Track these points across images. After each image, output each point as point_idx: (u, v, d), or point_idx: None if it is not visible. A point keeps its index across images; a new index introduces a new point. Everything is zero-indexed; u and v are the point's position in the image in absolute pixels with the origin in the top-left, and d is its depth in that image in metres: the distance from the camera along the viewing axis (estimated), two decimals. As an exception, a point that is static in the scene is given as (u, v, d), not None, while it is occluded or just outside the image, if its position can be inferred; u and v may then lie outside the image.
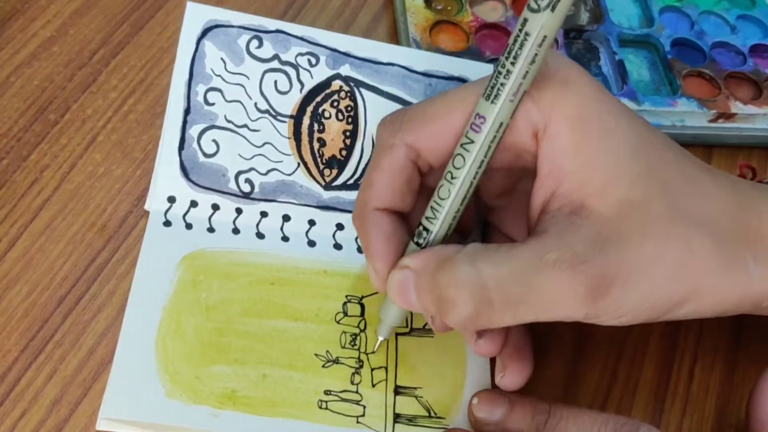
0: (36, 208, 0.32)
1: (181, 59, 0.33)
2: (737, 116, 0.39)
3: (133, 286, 0.30)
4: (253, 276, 0.31)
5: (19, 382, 0.28)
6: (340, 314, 0.31)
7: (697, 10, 0.44)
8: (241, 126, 0.33)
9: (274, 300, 0.31)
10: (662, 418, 0.31)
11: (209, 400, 0.28)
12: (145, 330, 0.29)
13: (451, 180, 0.26)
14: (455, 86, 0.34)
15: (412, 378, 0.30)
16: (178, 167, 0.32)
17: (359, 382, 0.30)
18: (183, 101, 0.33)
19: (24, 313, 0.29)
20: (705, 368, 0.33)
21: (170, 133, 0.33)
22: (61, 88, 0.36)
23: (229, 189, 0.33)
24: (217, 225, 0.32)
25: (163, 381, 0.28)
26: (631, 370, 0.32)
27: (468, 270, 0.24)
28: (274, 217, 0.33)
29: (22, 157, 0.33)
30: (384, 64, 0.35)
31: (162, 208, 0.32)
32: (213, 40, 0.33)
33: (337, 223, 0.33)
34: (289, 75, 0.34)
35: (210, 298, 0.30)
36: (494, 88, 0.25)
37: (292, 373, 0.29)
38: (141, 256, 0.31)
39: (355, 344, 0.31)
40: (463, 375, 0.31)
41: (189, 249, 0.31)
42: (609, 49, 0.42)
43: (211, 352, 0.29)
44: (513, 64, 0.24)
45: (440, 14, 0.41)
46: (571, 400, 0.31)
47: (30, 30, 0.37)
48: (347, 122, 0.34)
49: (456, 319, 0.25)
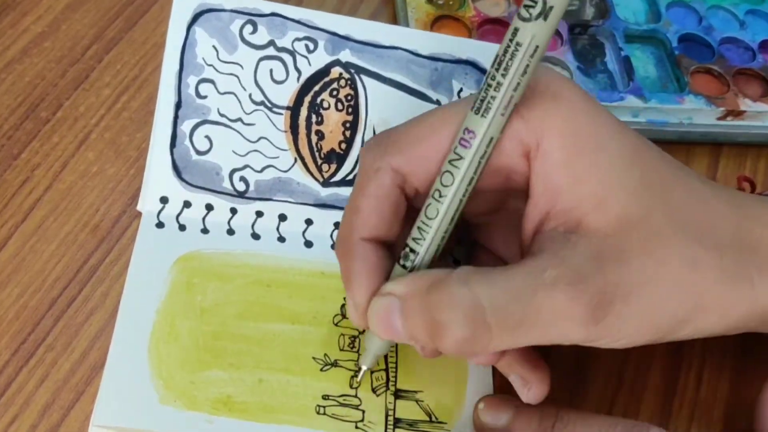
0: (27, 208, 0.32)
1: (170, 48, 0.32)
2: (746, 114, 0.39)
3: (126, 289, 0.30)
4: (249, 278, 0.31)
5: (10, 386, 0.28)
6: (338, 316, 0.31)
7: (705, 4, 0.44)
8: (235, 120, 0.32)
9: (270, 302, 0.30)
10: (669, 423, 0.31)
11: (204, 406, 0.28)
12: (138, 334, 0.29)
13: (440, 198, 0.25)
14: (463, 71, 0.34)
15: (413, 381, 0.30)
16: (170, 166, 0.32)
17: (358, 385, 0.29)
18: (174, 94, 0.32)
19: (15, 316, 0.29)
20: (713, 372, 0.33)
21: (161, 130, 0.32)
22: (52, 85, 0.35)
23: (223, 188, 0.32)
24: (211, 226, 0.32)
25: (157, 386, 0.28)
26: (637, 375, 0.32)
27: (462, 291, 0.23)
28: (269, 216, 0.32)
29: (13, 156, 0.33)
30: (386, 48, 0.33)
31: (154, 209, 0.32)
32: (204, 26, 0.32)
33: (335, 222, 0.33)
34: (285, 63, 0.33)
35: (205, 300, 0.30)
36: (484, 101, 0.24)
37: (290, 378, 0.29)
38: (133, 258, 0.30)
39: (354, 347, 0.30)
40: (465, 378, 0.30)
41: (183, 251, 0.31)
42: (615, 45, 0.41)
43: (205, 356, 0.29)
44: (504, 76, 0.23)
45: (442, 9, 0.41)
46: (577, 406, 0.31)
47: (21, 25, 0.37)
48: (347, 112, 0.33)
49: (450, 344, 0.24)
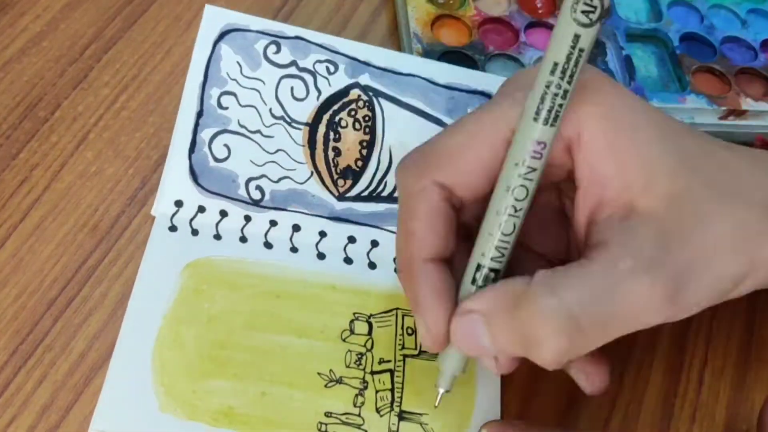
0: (25, 208, 0.31)
1: (196, 61, 0.33)
2: (748, 113, 0.39)
3: (134, 292, 0.29)
4: (259, 288, 0.30)
5: (8, 387, 0.27)
6: (347, 332, 0.30)
7: (707, 3, 0.44)
8: (255, 131, 0.33)
9: (279, 314, 0.30)
10: (671, 424, 0.31)
11: (204, 416, 0.27)
12: (143, 338, 0.28)
13: (515, 213, 0.25)
14: (478, 101, 0.35)
15: (419, 403, 0.29)
16: (187, 171, 0.32)
17: (362, 404, 0.29)
18: (196, 104, 0.33)
19: (13, 316, 0.29)
20: (715, 373, 0.33)
21: (181, 136, 0.32)
22: (51, 85, 0.35)
23: (239, 195, 0.32)
24: (224, 232, 0.31)
25: (158, 393, 0.27)
26: (638, 376, 0.32)
27: (552, 302, 0.23)
28: (283, 226, 0.32)
29: (11, 156, 0.33)
30: (404, 75, 0.35)
31: (168, 212, 0.31)
32: (230, 43, 0.34)
33: (349, 235, 0.32)
34: (306, 82, 0.34)
35: (213, 308, 0.29)
36: (552, 110, 0.24)
37: (293, 392, 0.28)
38: (144, 260, 0.30)
39: (361, 364, 0.29)
40: (472, 403, 0.29)
41: (194, 256, 0.30)
42: (616, 44, 0.41)
43: (209, 365, 0.28)
44: (569, 83, 0.23)
45: (442, 8, 0.41)
46: (578, 408, 0.31)
47: (19, 24, 0.36)
48: (364, 132, 0.34)
49: (549, 356, 0.24)
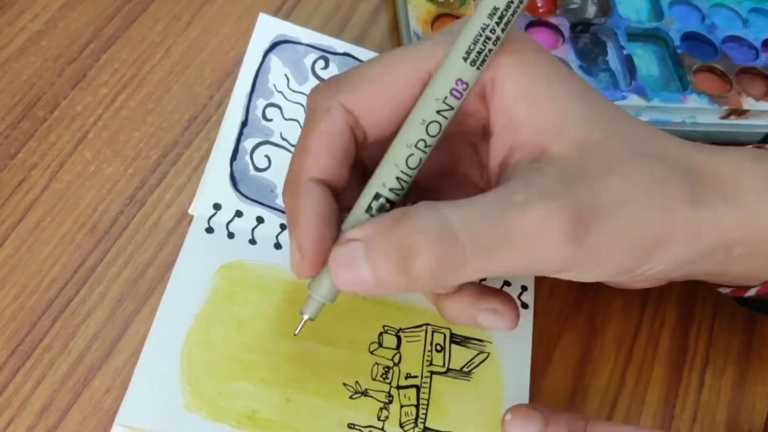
0: (24, 208, 0.31)
1: (245, 71, 0.34)
2: (750, 113, 0.39)
3: (168, 290, 0.29)
4: (290, 294, 0.30)
5: (7, 388, 0.27)
6: (375, 344, 0.30)
7: (708, 2, 0.43)
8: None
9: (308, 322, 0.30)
10: (672, 424, 0.31)
11: (228, 417, 0.27)
12: (173, 336, 0.28)
13: (425, 149, 0.24)
14: None
15: (444, 421, 0.29)
16: (228, 176, 0.33)
17: (386, 418, 0.28)
18: (241, 113, 0.34)
19: (11, 317, 0.29)
20: (716, 372, 0.33)
21: (224, 143, 0.33)
22: (50, 84, 0.35)
23: (276, 204, 0.32)
24: (259, 238, 0.32)
25: (184, 392, 0.27)
26: (640, 375, 0.32)
27: (430, 214, 0.22)
28: None
29: (10, 155, 0.33)
30: None
31: (206, 214, 0.32)
32: (279, 55, 0.34)
33: None
34: None
35: (243, 311, 0.30)
36: (481, 53, 0.24)
37: (317, 401, 0.28)
38: (179, 259, 0.30)
39: (387, 378, 0.29)
40: (498, 424, 0.29)
41: (228, 258, 0.31)
42: (617, 44, 0.41)
43: (236, 367, 0.28)
44: (503, 31, 0.24)
45: (442, 7, 0.41)
46: (579, 406, 0.31)
47: (18, 23, 0.36)
48: None
49: (422, 270, 0.22)
